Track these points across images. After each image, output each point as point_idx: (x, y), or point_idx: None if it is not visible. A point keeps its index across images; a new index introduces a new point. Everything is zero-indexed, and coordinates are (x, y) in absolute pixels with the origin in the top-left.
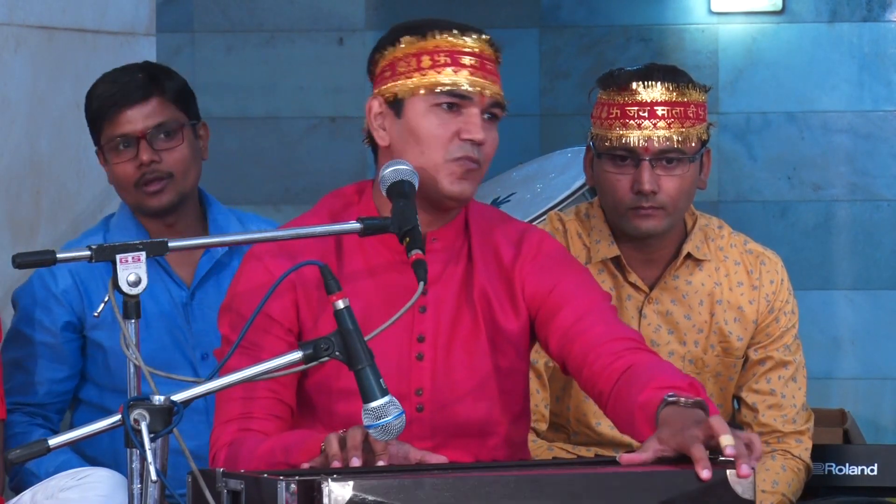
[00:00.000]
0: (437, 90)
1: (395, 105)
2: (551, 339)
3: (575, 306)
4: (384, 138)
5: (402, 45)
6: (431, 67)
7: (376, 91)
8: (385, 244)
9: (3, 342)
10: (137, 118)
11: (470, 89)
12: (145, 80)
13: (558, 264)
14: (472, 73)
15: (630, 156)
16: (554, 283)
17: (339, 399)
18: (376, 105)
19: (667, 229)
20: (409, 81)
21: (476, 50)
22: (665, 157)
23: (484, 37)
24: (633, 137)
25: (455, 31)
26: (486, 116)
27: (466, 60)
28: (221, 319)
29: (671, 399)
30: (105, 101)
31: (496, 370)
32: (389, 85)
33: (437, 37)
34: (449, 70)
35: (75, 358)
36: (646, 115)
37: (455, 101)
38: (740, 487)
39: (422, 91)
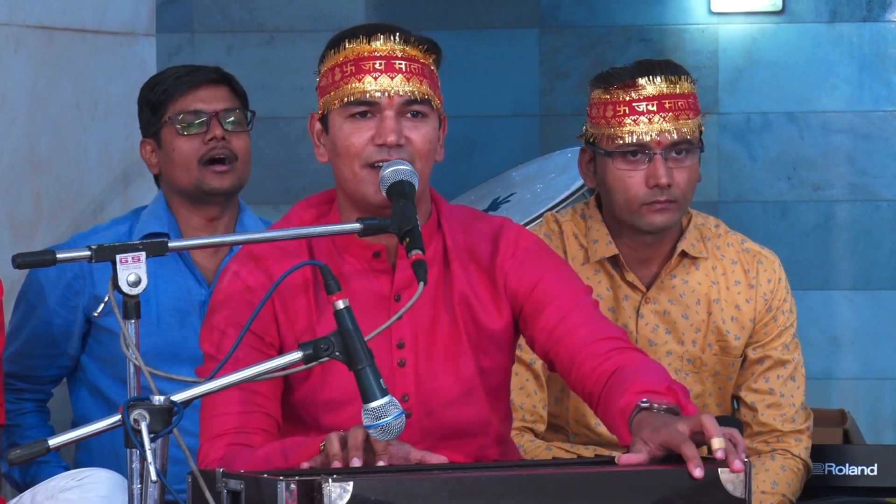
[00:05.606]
0: (345, 101)
1: (324, 121)
2: (537, 339)
3: (559, 304)
4: (323, 154)
5: (325, 62)
6: (341, 80)
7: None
8: (354, 253)
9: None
10: (211, 98)
11: (374, 94)
12: (218, 72)
13: (538, 259)
14: (376, 78)
15: (642, 151)
16: (536, 280)
17: (325, 411)
18: (316, 122)
19: (676, 223)
20: (328, 97)
21: (385, 52)
22: (676, 148)
23: (398, 35)
24: (646, 132)
25: (362, 37)
26: (409, 115)
27: (370, 65)
28: (203, 336)
29: (644, 405)
30: (179, 80)
31: (480, 371)
32: (320, 102)
33: (346, 47)
34: (354, 80)
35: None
36: (654, 108)
37: (365, 108)
38: (731, 486)
39: (336, 104)
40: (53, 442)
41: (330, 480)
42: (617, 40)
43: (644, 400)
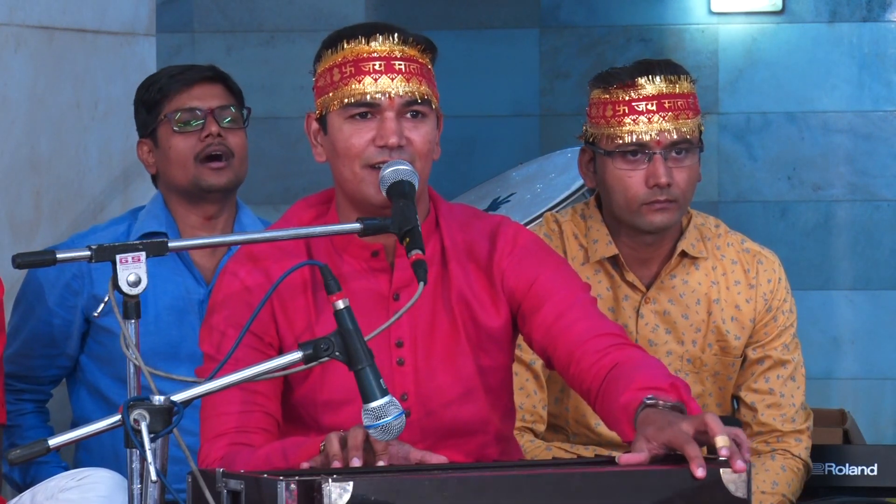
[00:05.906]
0: (345, 102)
1: (322, 122)
2: (534, 335)
3: (556, 301)
4: (321, 154)
5: (322, 62)
6: (340, 80)
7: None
8: (352, 253)
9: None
10: (206, 95)
11: (375, 96)
12: (212, 70)
13: (536, 257)
14: (376, 79)
15: (641, 150)
16: (533, 277)
17: (325, 411)
18: (313, 122)
19: (676, 223)
20: (326, 98)
21: (384, 52)
22: (676, 148)
23: (396, 35)
24: (645, 131)
25: (360, 38)
26: (409, 115)
27: (370, 66)
28: (202, 337)
29: (650, 402)
30: (174, 78)
31: (479, 370)
32: (318, 102)
33: (345, 47)
34: (353, 81)
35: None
36: (654, 108)
37: (365, 109)
38: (734, 486)
39: (335, 105)
40: (53, 442)
41: (330, 480)
42: (617, 40)
43: (650, 396)
